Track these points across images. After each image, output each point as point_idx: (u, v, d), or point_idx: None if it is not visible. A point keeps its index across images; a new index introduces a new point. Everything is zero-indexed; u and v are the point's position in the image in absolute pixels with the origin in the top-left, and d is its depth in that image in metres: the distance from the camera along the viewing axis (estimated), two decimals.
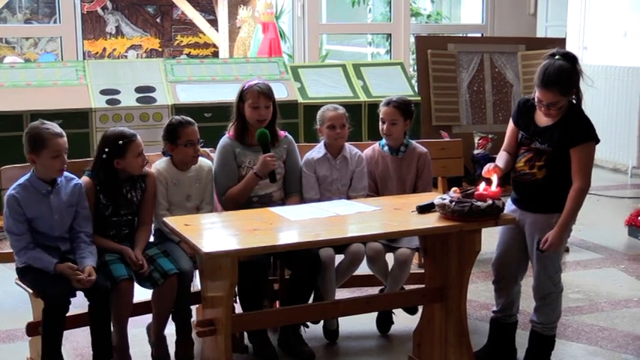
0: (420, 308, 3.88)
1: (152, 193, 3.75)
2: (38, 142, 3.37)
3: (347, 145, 4.14)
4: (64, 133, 3.45)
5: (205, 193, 3.89)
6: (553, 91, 3.41)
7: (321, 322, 4.03)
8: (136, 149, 3.61)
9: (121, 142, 3.58)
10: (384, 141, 4.20)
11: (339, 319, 4.02)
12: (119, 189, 3.63)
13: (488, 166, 3.49)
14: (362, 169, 4.12)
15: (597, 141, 3.53)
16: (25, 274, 3.42)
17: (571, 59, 3.50)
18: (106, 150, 3.58)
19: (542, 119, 3.56)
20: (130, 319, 3.60)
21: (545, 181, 3.50)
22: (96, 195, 3.59)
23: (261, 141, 3.88)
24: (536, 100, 3.51)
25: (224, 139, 4.01)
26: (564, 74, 3.43)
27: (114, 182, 3.62)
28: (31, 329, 3.44)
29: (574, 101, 3.61)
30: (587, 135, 3.49)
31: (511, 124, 3.71)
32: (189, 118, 3.86)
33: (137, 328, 3.79)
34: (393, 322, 4.16)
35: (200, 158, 3.89)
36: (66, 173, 3.50)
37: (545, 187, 3.49)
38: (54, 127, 3.43)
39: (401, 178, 4.18)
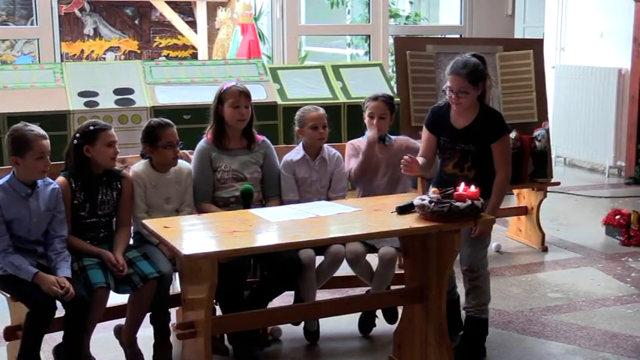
0: (400, 312, 3.89)
1: (129, 194, 3.73)
2: (23, 144, 3.36)
3: (325, 146, 4.15)
4: (47, 135, 3.44)
5: (185, 195, 3.88)
6: (461, 77, 3.71)
7: (302, 323, 4.03)
8: (107, 138, 3.60)
9: (92, 127, 3.60)
10: (365, 136, 4.21)
11: (320, 320, 4.03)
12: (94, 184, 3.61)
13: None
14: (341, 170, 4.14)
15: (510, 131, 3.92)
16: (6, 281, 3.38)
17: (480, 57, 3.84)
18: (77, 136, 3.59)
19: (458, 121, 3.80)
20: (103, 323, 3.58)
21: (476, 177, 3.72)
22: (72, 194, 3.57)
23: (244, 197, 3.87)
24: (447, 91, 3.78)
25: (201, 143, 4.01)
26: (471, 63, 3.76)
27: (87, 173, 3.60)
28: (9, 333, 3.41)
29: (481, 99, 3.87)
30: (502, 129, 3.82)
31: (425, 132, 3.93)
32: (167, 120, 3.86)
33: (110, 332, 3.78)
34: (375, 324, 4.16)
35: (180, 160, 3.88)
36: (45, 178, 3.48)
37: (475, 181, 3.54)
38: (37, 129, 3.43)
39: (391, 164, 4.18)
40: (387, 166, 4.21)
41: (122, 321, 3.70)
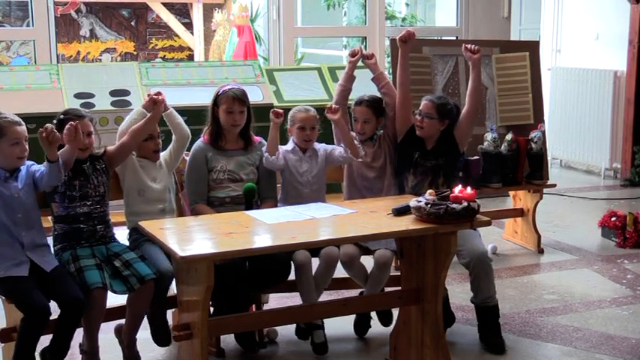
0: (395, 316, 3.90)
1: (115, 145, 3.81)
2: None
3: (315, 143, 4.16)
4: (23, 123, 3.48)
5: (169, 178, 3.96)
6: (433, 104, 4.12)
7: (309, 337, 4.01)
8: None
9: (62, 116, 3.64)
10: (358, 137, 4.22)
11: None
12: (76, 165, 3.60)
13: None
14: (333, 148, 4.15)
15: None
16: (2, 285, 3.38)
17: (456, 107, 4.25)
18: (54, 122, 3.61)
19: (428, 144, 4.18)
20: (103, 324, 3.57)
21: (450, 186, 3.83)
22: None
23: (246, 196, 3.87)
24: (417, 113, 4.17)
25: (197, 143, 4.02)
26: (447, 99, 4.22)
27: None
28: (4, 335, 3.41)
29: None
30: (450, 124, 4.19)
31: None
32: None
33: (109, 334, 3.77)
34: (370, 326, 4.16)
35: None
36: (27, 162, 3.52)
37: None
38: (11, 116, 3.48)
39: (381, 157, 4.21)
40: (384, 162, 4.22)
41: (123, 321, 3.70)
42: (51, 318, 3.37)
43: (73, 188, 3.62)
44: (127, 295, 3.57)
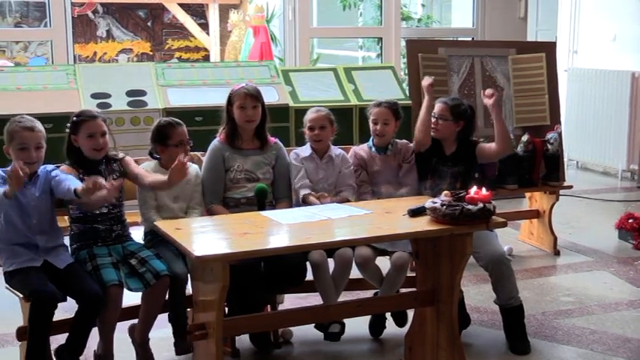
0: (410, 317, 3.89)
1: (135, 167, 3.75)
2: (9, 135, 3.43)
3: (332, 146, 4.16)
4: (38, 128, 3.47)
5: (195, 194, 3.89)
6: (447, 105, 4.21)
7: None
8: (88, 129, 3.60)
9: (76, 118, 3.63)
10: (371, 142, 4.23)
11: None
12: (92, 167, 3.61)
13: None
14: (348, 167, 4.13)
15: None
16: (12, 277, 3.41)
17: (470, 108, 4.33)
18: (68, 125, 3.62)
19: (447, 150, 4.27)
20: (118, 323, 3.58)
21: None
22: (78, 177, 3.57)
23: (258, 196, 3.87)
24: (432, 115, 4.24)
25: (214, 143, 4.03)
26: (460, 101, 4.31)
27: (81, 161, 3.63)
28: (21, 334, 3.42)
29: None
30: (475, 142, 4.33)
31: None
32: (177, 119, 3.88)
33: (124, 333, 3.78)
34: (385, 327, 4.15)
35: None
36: (46, 167, 3.52)
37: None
38: (27, 121, 3.47)
39: (392, 173, 4.21)
40: (391, 176, 4.22)
41: (136, 321, 3.71)
42: (67, 317, 3.39)
43: None
44: (141, 294, 3.59)
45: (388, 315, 4.15)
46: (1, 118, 5.30)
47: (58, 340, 3.46)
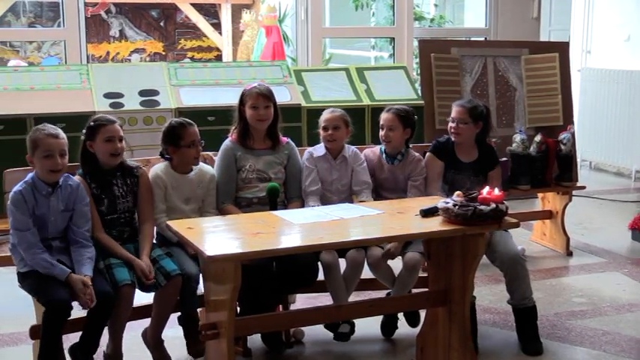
0: (422, 318, 3.88)
1: (147, 189, 3.73)
2: (33, 143, 3.41)
3: (346, 145, 4.16)
4: (62, 135, 3.45)
5: (208, 197, 3.89)
6: (465, 109, 4.23)
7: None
8: (106, 133, 3.60)
9: (93, 123, 3.63)
10: (383, 147, 4.23)
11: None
12: (106, 179, 3.62)
13: None
14: (361, 165, 4.13)
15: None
16: (26, 279, 3.41)
17: (486, 108, 4.38)
18: (83, 132, 3.62)
19: (464, 157, 4.30)
20: (128, 322, 3.59)
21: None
22: (89, 191, 3.59)
23: (270, 196, 3.86)
24: (449, 123, 4.30)
25: (226, 143, 4.03)
26: (475, 102, 4.34)
27: (95, 168, 3.62)
28: (34, 332, 3.44)
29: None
30: (497, 160, 4.42)
31: (432, 159, 4.29)
32: (188, 119, 3.88)
33: (136, 331, 3.79)
34: (397, 327, 4.15)
35: (202, 164, 3.90)
36: (68, 176, 3.51)
37: None
38: (51, 128, 3.45)
39: (397, 184, 4.21)
40: (396, 185, 4.22)
41: (148, 322, 3.71)
42: (79, 316, 3.40)
43: (102, 204, 3.64)
44: (153, 295, 3.59)
45: (400, 315, 4.15)
46: (16, 118, 5.37)
47: (69, 339, 3.47)
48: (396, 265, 3.96)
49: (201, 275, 3.58)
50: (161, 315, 3.63)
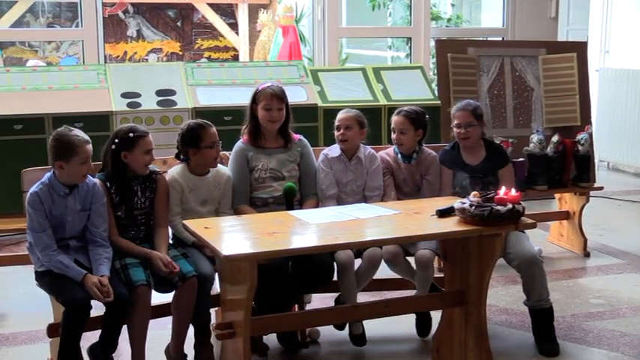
0: (434, 327, 3.88)
1: (164, 194, 3.73)
2: (69, 149, 3.38)
3: (362, 146, 4.15)
4: (90, 140, 3.47)
5: (225, 199, 3.89)
6: (468, 112, 4.28)
7: (346, 328, 4.00)
8: (145, 146, 3.61)
9: (132, 134, 3.60)
10: (397, 148, 4.22)
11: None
12: (129, 184, 3.63)
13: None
14: (376, 168, 4.12)
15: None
16: (43, 278, 3.43)
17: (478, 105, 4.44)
18: (116, 141, 3.60)
19: (472, 160, 4.31)
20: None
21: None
22: (109, 195, 3.60)
23: (286, 196, 3.86)
24: (455, 129, 4.32)
25: (237, 145, 4.03)
26: (472, 102, 4.40)
27: (122, 176, 3.62)
28: (52, 331, 3.46)
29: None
30: (508, 159, 4.43)
31: (443, 168, 4.28)
32: (206, 120, 3.87)
33: (157, 330, 3.79)
34: (431, 326, 4.10)
35: (219, 165, 3.90)
36: (99, 193, 3.53)
37: None
38: (82, 134, 3.45)
39: (415, 183, 4.22)
40: (413, 184, 4.22)
41: (160, 321, 3.72)
42: (98, 314, 3.41)
43: (119, 210, 3.65)
44: (171, 299, 3.59)
45: (434, 314, 4.10)
46: (35, 117, 5.41)
47: (86, 337, 3.48)
48: (411, 260, 3.95)
49: (216, 275, 3.59)
50: (181, 321, 3.59)
